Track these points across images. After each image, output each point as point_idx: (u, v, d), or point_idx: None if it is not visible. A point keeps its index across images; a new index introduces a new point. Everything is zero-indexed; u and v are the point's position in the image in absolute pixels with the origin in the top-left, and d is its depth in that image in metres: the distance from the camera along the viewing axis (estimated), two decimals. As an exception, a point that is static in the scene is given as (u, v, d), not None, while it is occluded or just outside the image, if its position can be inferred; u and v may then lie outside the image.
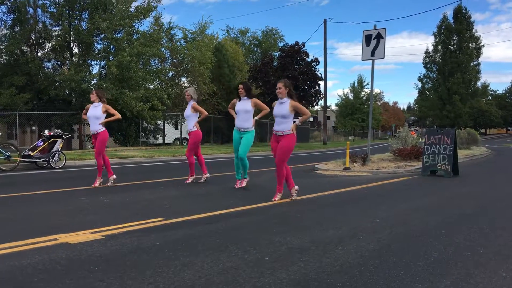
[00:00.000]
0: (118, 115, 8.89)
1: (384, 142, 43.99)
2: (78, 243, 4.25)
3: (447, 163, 11.03)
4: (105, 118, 8.68)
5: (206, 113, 9.32)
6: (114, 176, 8.92)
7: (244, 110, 7.96)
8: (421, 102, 67.94)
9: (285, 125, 6.69)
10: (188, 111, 8.97)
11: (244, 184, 8.33)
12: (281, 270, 3.49)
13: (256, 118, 8.17)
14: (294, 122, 6.81)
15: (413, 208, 6.56)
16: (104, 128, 8.65)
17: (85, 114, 8.76)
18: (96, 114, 8.53)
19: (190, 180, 9.15)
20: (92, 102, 8.68)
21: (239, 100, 8.12)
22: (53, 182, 7.62)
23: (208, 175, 9.41)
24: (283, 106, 6.67)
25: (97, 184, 8.61)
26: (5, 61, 23.37)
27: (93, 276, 3.31)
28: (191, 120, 8.95)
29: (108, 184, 8.68)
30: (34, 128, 25.21)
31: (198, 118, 9.02)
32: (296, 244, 4.29)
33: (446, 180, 10.35)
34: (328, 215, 5.91)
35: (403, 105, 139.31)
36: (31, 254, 3.87)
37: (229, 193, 7.75)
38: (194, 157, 9.20)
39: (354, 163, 12.88)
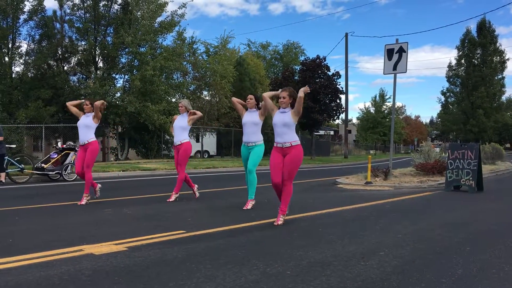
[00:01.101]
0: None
1: (406, 156, 43.47)
2: (102, 254, 4.32)
3: (471, 178, 10.85)
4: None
5: (201, 114, 8.69)
6: (100, 185, 8.43)
7: (251, 122, 7.33)
8: (444, 116, 66.98)
9: (290, 135, 5.98)
10: (184, 123, 8.37)
11: (249, 206, 7.47)
12: (303, 284, 3.49)
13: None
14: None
15: (436, 223, 6.48)
16: (95, 138, 8.05)
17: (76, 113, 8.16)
18: (86, 122, 7.94)
19: (173, 198, 8.34)
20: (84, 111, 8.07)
21: (245, 111, 7.57)
22: (71, 194, 7.74)
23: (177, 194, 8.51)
24: (286, 115, 6.03)
25: (83, 202, 7.77)
26: (32, 75, 24.06)
27: None
28: (184, 132, 8.41)
29: (82, 202, 7.73)
30: (59, 140, 25.78)
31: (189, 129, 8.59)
32: (318, 258, 4.28)
33: (471, 196, 10.18)
34: (350, 229, 5.87)
35: (425, 119, 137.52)
36: (58, 264, 3.95)
37: (250, 207, 7.76)
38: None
39: (376, 178, 12.78)
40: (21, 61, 23.95)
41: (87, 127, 7.93)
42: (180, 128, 8.42)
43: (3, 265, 3.88)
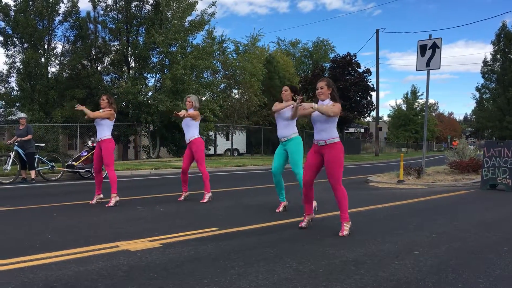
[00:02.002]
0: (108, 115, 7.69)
1: (439, 154, 42.63)
2: (138, 250, 4.41)
3: (508, 176, 10.56)
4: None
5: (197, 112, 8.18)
6: (118, 198, 7.61)
7: (284, 116, 6.73)
8: (479, 113, 65.24)
9: (329, 132, 5.32)
10: (189, 119, 8.04)
11: (281, 209, 7.08)
12: (337, 282, 3.48)
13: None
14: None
15: (472, 223, 6.33)
16: (109, 136, 7.70)
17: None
18: (101, 121, 7.66)
19: (206, 199, 8.07)
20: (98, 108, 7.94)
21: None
22: (104, 193, 7.85)
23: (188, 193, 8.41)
24: None
25: (94, 201, 7.70)
26: (67, 75, 24.70)
27: (153, 283, 3.43)
28: (193, 128, 8.07)
29: (111, 204, 7.43)
30: (93, 139, 26.44)
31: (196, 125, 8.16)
32: (351, 257, 4.25)
33: (507, 195, 9.91)
34: (383, 228, 5.81)
35: (459, 116, 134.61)
36: (95, 260, 4.06)
37: (281, 205, 7.77)
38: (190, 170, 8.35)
39: (408, 176, 12.59)
40: (56, 61, 24.62)
41: (101, 124, 7.65)
42: (186, 126, 8.11)
43: (43, 260, 4.01)
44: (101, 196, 7.80)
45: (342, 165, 5.39)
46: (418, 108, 65.14)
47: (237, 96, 33.58)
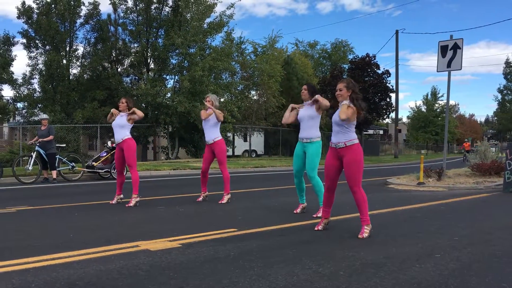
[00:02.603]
0: (140, 114, 7.83)
1: (460, 156, 41.98)
2: (157, 250, 4.45)
3: (531, 179, 10.34)
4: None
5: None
6: (121, 196, 7.88)
7: (308, 116, 6.50)
8: (501, 115, 64.24)
9: (347, 134, 5.22)
10: (212, 120, 7.92)
11: (299, 210, 6.98)
12: (357, 285, 3.46)
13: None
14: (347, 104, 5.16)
15: (495, 226, 6.22)
16: (130, 136, 7.76)
17: (109, 119, 8.00)
18: (121, 123, 7.74)
19: (227, 200, 8.07)
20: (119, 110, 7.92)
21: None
22: (124, 193, 7.90)
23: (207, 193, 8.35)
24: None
25: (114, 201, 7.81)
26: (88, 76, 25.06)
27: (173, 283, 3.45)
28: (216, 129, 7.98)
29: (131, 204, 7.52)
30: (113, 139, 26.79)
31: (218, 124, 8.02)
32: (370, 259, 4.22)
33: (531, 198, 9.71)
34: (403, 231, 5.75)
35: (480, 118, 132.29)
36: (116, 259, 4.11)
37: (300, 206, 7.74)
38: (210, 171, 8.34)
39: (429, 178, 12.43)
40: (77, 63, 25.03)
41: (121, 127, 7.70)
42: (210, 127, 7.99)
43: (65, 259, 4.07)
44: (121, 196, 7.88)
45: (362, 167, 5.30)
46: (438, 110, 64.25)
47: (255, 97, 33.60)
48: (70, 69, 24.59)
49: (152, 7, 24.44)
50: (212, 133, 7.93)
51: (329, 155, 5.42)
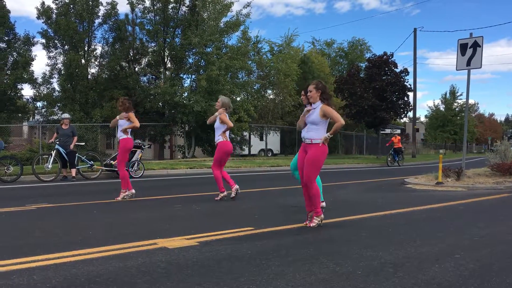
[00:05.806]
0: (136, 124, 8.27)
1: (479, 156, 41.39)
2: (175, 248, 4.47)
3: (554, 179, 10.14)
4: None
5: (231, 124, 8.24)
6: (133, 191, 8.24)
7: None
8: (522, 114, 63.05)
9: (314, 132, 5.62)
10: (216, 122, 8.11)
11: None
12: (375, 285, 3.43)
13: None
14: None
15: (516, 227, 6.12)
16: (125, 136, 8.23)
17: (113, 124, 8.52)
18: (121, 124, 8.28)
19: (220, 197, 8.15)
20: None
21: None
22: (140, 191, 8.06)
23: (236, 186, 8.32)
24: (314, 112, 5.65)
25: (119, 198, 8.10)
26: (106, 76, 25.30)
27: (191, 281, 3.47)
28: (217, 132, 8.14)
29: (119, 198, 8.06)
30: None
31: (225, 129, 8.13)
32: (389, 259, 4.18)
33: (553, 198, 9.52)
34: (421, 231, 5.68)
35: (500, 117, 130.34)
36: (134, 256, 4.14)
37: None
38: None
39: (447, 178, 12.27)
40: (96, 63, 25.27)
41: (120, 127, 8.27)
42: (215, 128, 8.19)
43: (85, 256, 4.12)
44: (133, 191, 8.21)
45: (320, 166, 5.70)
46: (457, 109, 63.37)
47: (271, 96, 33.57)
48: (89, 69, 24.85)
49: (169, 7, 24.55)
50: (216, 135, 8.20)
51: (300, 150, 5.87)
